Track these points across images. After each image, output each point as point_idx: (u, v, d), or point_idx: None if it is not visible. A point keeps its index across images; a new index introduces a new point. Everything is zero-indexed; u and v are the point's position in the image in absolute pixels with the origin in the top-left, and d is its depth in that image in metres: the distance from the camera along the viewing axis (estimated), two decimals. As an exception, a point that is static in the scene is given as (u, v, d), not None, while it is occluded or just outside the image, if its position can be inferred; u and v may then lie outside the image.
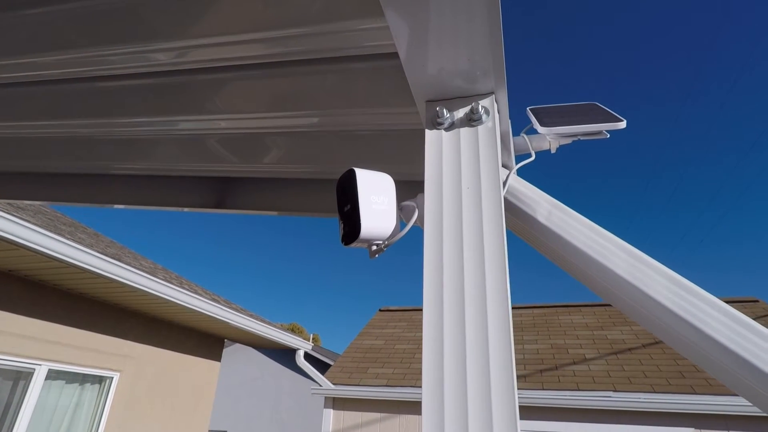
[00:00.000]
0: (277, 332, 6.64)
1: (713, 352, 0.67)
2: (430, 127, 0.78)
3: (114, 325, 5.05)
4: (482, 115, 0.74)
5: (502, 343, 0.56)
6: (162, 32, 0.95)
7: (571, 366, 6.07)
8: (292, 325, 33.73)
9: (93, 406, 4.87)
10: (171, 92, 1.16)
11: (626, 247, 0.78)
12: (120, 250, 5.35)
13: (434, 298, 0.61)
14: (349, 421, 6.38)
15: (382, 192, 0.74)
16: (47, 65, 1.08)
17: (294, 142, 1.30)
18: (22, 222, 3.29)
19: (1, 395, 4.04)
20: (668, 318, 0.71)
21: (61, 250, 3.58)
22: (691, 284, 0.72)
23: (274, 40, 0.92)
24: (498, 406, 0.52)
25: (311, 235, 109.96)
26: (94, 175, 1.68)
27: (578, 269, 0.81)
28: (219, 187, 1.53)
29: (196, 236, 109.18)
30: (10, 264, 3.88)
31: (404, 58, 0.74)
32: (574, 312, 7.91)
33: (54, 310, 4.41)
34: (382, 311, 9.42)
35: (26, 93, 1.25)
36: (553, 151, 1.13)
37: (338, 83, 1.03)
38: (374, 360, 7.12)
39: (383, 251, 0.74)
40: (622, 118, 1.01)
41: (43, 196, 1.73)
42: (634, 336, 6.65)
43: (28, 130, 1.42)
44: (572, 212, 0.86)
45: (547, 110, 1.20)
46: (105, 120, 1.31)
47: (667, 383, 5.35)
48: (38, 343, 4.22)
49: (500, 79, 0.75)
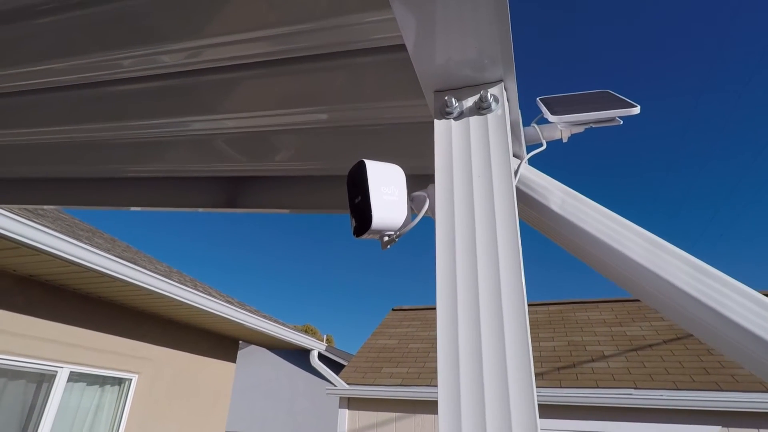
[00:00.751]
0: (290, 333, 6.67)
1: (739, 338, 0.65)
2: (439, 117, 0.77)
3: (132, 328, 5.13)
4: (491, 103, 0.73)
5: (518, 328, 0.55)
6: (169, 34, 0.96)
7: (590, 363, 5.97)
8: (306, 327, 33.93)
9: (114, 407, 4.95)
10: (180, 94, 1.17)
11: (643, 233, 0.76)
12: (136, 254, 5.44)
13: (448, 287, 0.61)
14: (365, 421, 6.38)
15: (392, 182, 0.73)
16: (59, 72, 1.10)
17: (303, 139, 1.30)
18: (43, 228, 3.37)
19: (26, 397, 4.14)
20: (690, 304, 0.69)
21: (80, 254, 3.66)
22: (712, 269, 0.70)
23: (280, 37, 0.93)
24: (516, 403, 0.51)
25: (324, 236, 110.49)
26: (108, 178, 1.71)
27: (594, 257, 0.80)
28: (230, 187, 1.54)
29: (209, 239, 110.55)
30: (31, 269, 3.97)
31: (411, 49, 0.73)
32: (591, 308, 7.79)
33: (74, 313, 4.50)
34: (395, 311, 9.40)
35: (39, 100, 1.28)
36: (565, 140, 1.11)
37: (345, 78, 1.03)
38: (388, 359, 7.12)
39: (395, 242, 0.73)
40: (636, 104, 0.99)
41: (59, 201, 1.76)
42: (655, 332, 6.52)
43: (42, 137, 1.45)
44: (586, 199, 0.84)
45: (558, 99, 1.18)
46: (117, 123, 1.33)
47: (691, 380, 5.21)
48: (59, 346, 4.31)
49: (509, 66, 0.74)
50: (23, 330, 4.04)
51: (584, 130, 1.10)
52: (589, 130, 1.11)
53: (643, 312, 7.25)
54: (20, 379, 4.08)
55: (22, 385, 4.10)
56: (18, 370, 4.04)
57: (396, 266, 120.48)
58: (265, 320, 6.07)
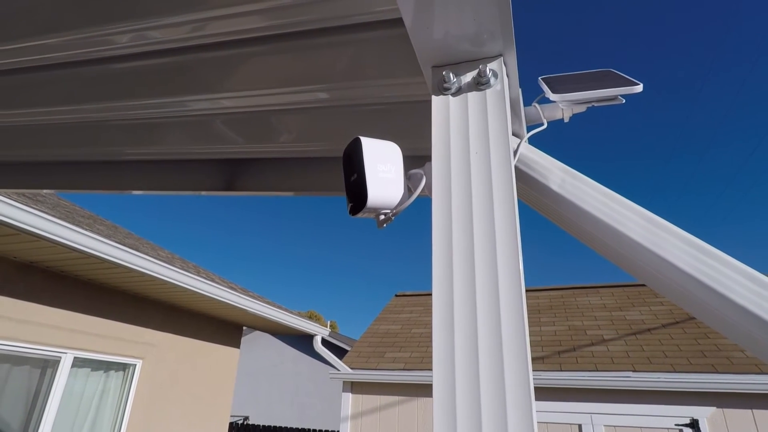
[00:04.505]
0: (294, 318, 6.72)
1: (738, 318, 0.64)
2: (436, 92, 0.75)
3: (135, 314, 5.17)
4: (490, 78, 0.72)
5: (515, 312, 0.54)
6: (164, 7, 0.94)
7: (590, 347, 6.02)
8: (310, 313, 34.19)
9: (118, 392, 5.02)
10: (177, 72, 1.15)
11: (642, 211, 0.75)
12: (137, 241, 5.45)
13: (444, 267, 0.60)
14: (368, 404, 6.47)
15: (388, 160, 0.72)
16: (51, 48, 1.08)
17: (301, 119, 1.28)
18: (42, 214, 3.37)
19: (31, 382, 4.19)
20: (689, 284, 0.68)
21: (82, 241, 3.66)
22: (711, 248, 0.69)
23: (278, 10, 0.90)
24: (512, 383, 0.50)
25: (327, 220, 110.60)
26: (106, 161, 1.69)
27: (593, 236, 0.79)
28: (228, 169, 1.53)
29: (210, 225, 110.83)
30: (31, 256, 3.98)
31: (409, 24, 0.71)
32: (592, 293, 7.82)
33: (77, 300, 4.53)
34: (398, 296, 9.46)
35: (31, 79, 1.25)
36: (566, 120, 1.09)
37: (342, 54, 1.00)
38: (391, 344, 7.18)
39: (391, 221, 0.72)
40: (638, 81, 0.97)
41: (56, 185, 1.74)
42: (654, 316, 6.56)
43: (36, 118, 1.44)
44: (586, 179, 0.83)
45: (560, 78, 1.16)
46: (113, 104, 1.31)
47: (688, 363, 5.27)
48: (63, 332, 4.35)
49: (509, 41, 0.72)
50: (25, 316, 4.07)
51: (586, 109, 1.08)
52: (591, 110, 1.09)
53: (643, 297, 7.27)
54: (24, 365, 4.13)
55: (27, 371, 4.15)
56: (22, 356, 4.08)
57: (399, 252, 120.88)
58: (268, 306, 6.11)
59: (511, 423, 0.48)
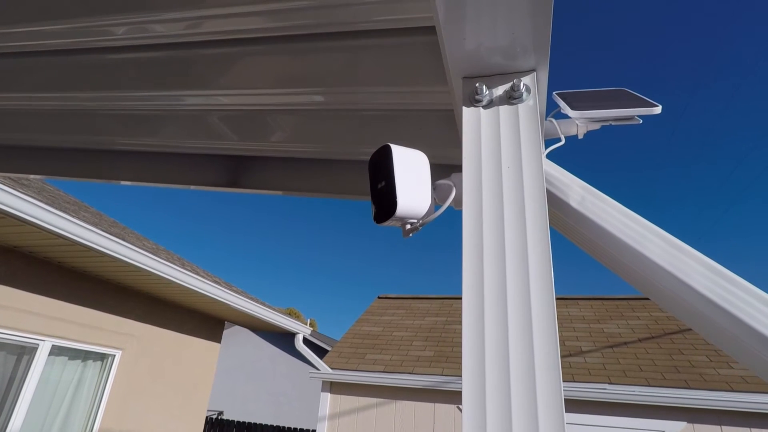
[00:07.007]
0: (277, 316, 6.66)
1: (753, 342, 0.65)
2: (467, 104, 0.75)
3: (117, 304, 5.06)
4: (523, 93, 0.72)
5: (547, 331, 0.54)
6: (166, 2, 0.92)
7: (567, 358, 6.10)
8: (290, 310, 33.91)
9: (95, 382, 4.90)
10: (176, 66, 1.14)
11: (662, 233, 0.76)
12: (123, 230, 5.33)
13: (475, 283, 0.60)
14: (346, 405, 6.44)
15: (417, 169, 0.71)
16: (48, 35, 1.06)
17: (309, 120, 1.27)
18: (27, 198, 3.27)
19: (6, 369, 4.06)
20: (705, 307, 0.69)
21: (66, 227, 3.56)
22: (731, 274, 0.70)
23: (288, 12, 0.89)
24: (544, 405, 0.50)
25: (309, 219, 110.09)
26: (100, 150, 1.65)
27: (612, 257, 0.80)
28: (233, 166, 1.51)
29: (194, 219, 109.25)
30: (14, 240, 3.86)
31: (441, 32, 0.71)
32: (572, 305, 7.94)
33: (58, 287, 4.41)
34: (381, 298, 9.44)
35: (27, 64, 1.22)
36: (580, 136, 1.10)
37: (355, 59, 1.00)
38: (372, 346, 7.16)
39: (418, 230, 0.72)
40: (657, 103, 0.98)
41: (48, 171, 1.69)
42: (631, 330, 6.68)
43: (28, 103, 1.40)
44: (605, 197, 0.84)
45: (575, 95, 1.17)
46: (109, 93, 1.28)
47: (662, 377, 5.38)
48: (42, 319, 4.23)
49: (543, 56, 0.72)
50: (5, 301, 3.94)
51: (600, 127, 1.09)
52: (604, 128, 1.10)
53: (621, 310, 7.41)
54: (0, 350, 4.00)
55: (2, 357, 4.02)
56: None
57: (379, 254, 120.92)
58: (251, 302, 6.04)
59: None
